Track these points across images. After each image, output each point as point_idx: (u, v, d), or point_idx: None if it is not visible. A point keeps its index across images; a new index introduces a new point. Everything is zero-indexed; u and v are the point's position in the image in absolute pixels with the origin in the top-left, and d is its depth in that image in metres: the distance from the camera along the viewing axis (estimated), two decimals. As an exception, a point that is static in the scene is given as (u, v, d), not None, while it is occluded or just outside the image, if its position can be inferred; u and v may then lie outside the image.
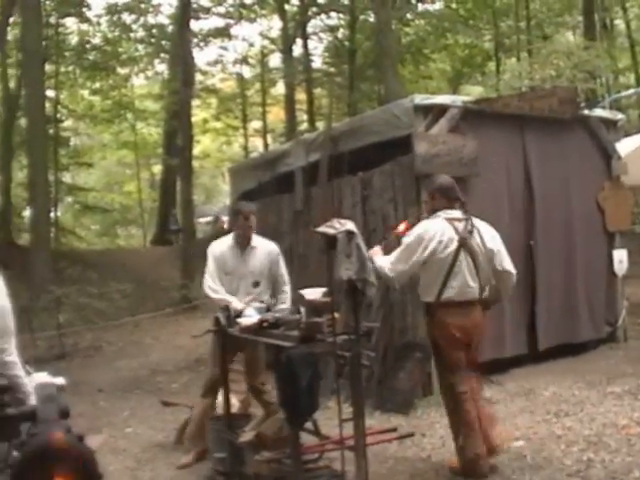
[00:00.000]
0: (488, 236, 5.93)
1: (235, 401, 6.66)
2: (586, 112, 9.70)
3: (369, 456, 4.98)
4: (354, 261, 4.91)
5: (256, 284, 6.44)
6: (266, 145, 28.67)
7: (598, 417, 6.80)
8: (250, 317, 5.59)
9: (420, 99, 8.35)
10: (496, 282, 5.90)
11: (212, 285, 6.38)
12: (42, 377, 6.49)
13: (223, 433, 5.93)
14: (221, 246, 6.57)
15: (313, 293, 5.31)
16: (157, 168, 29.33)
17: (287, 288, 6.60)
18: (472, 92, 25.65)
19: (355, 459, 4.99)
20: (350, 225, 5.01)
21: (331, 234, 4.92)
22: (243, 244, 6.54)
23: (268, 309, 5.81)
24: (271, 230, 10.00)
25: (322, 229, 5.00)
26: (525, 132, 9.05)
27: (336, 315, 4.90)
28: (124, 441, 7.38)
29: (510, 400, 7.67)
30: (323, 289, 5.37)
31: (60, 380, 6.27)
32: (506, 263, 5.91)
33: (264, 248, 6.65)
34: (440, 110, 8.29)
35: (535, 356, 9.06)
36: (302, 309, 5.20)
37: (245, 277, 6.48)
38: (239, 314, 5.77)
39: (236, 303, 6.08)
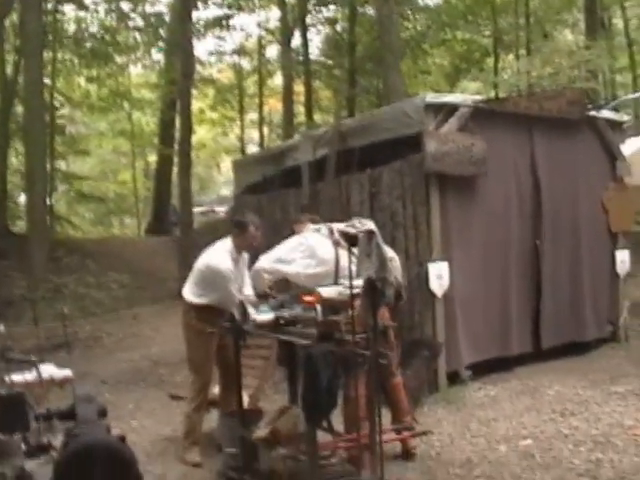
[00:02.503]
0: None
1: (244, 396, 6.69)
2: (593, 113, 9.77)
3: (380, 454, 5.03)
4: (374, 260, 4.97)
5: (240, 289, 6.36)
6: (262, 137, 28.63)
7: (604, 417, 6.90)
8: (265, 313, 5.62)
9: (431, 97, 8.43)
10: None
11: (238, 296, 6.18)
12: (49, 369, 6.54)
13: (236, 429, 5.96)
14: (228, 258, 6.33)
15: (330, 291, 5.36)
16: (152, 157, 29.21)
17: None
18: (469, 88, 25.66)
19: (370, 457, 5.06)
20: (371, 225, 5.09)
21: (352, 233, 4.98)
22: (239, 254, 6.46)
23: (282, 305, 5.80)
24: (277, 224, 10.06)
25: (343, 228, 5.07)
26: (533, 132, 9.12)
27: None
28: (132, 435, 7.38)
29: (516, 398, 7.75)
30: (340, 287, 5.44)
31: (67, 372, 6.32)
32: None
33: (245, 259, 6.62)
34: (450, 109, 8.34)
35: (539, 354, 9.16)
36: (318, 307, 5.23)
37: (236, 282, 6.41)
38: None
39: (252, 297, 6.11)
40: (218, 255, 6.38)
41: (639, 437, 6.27)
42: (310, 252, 5.94)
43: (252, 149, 30.42)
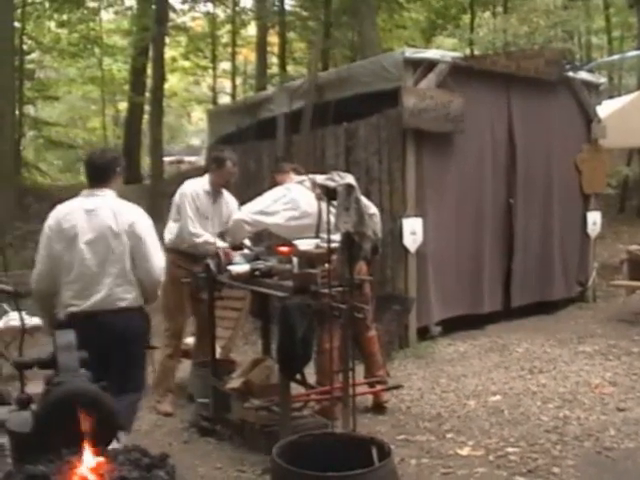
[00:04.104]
0: None
1: (217, 346, 6.69)
2: (570, 74, 9.77)
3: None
4: (352, 214, 4.95)
5: (221, 234, 6.35)
6: (235, 87, 28.35)
7: (571, 375, 7.00)
8: (240, 264, 5.58)
9: (410, 52, 8.39)
10: None
11: (196, 230, 6.31)
12: (17, 316, 6.48)
13: (208, 379, 5.96)
14: (196, 188, 6.50)
15: (306, 244, 5.33)
16: (123, 105, 28.83)
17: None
18: (445, 44, 25.55)
19: (342, 409, 5.09)
20: (350, 179, 5.05)
21: (331, 186, 4.95)
22: (218, 190, 6.55)
23: (257, 257, 5.76)
24: (250, 176, 10.00)
25: (322, 181, 5.03)
26: (510, 91, 9.13)
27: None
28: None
29: (485, 355, 7.86)
30: (316, 240, 5.43)
31: (37, 320, 6.29)
32: None
33: (228, 197, 6.67)
34: (429, 65, 8.31)
35: (508, 313, 9.29)
36: (294, 259, 5.21)
37: (214, 226, 6.47)
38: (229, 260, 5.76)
39: (222, 245, 6.04)
40: (191, 182, 6.58)
41: (605, 395, 6.38)
42: (293, 204, 5.87)
43: (224, 99, 30.12)
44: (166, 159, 24.96)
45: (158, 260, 4.71)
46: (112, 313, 4.54)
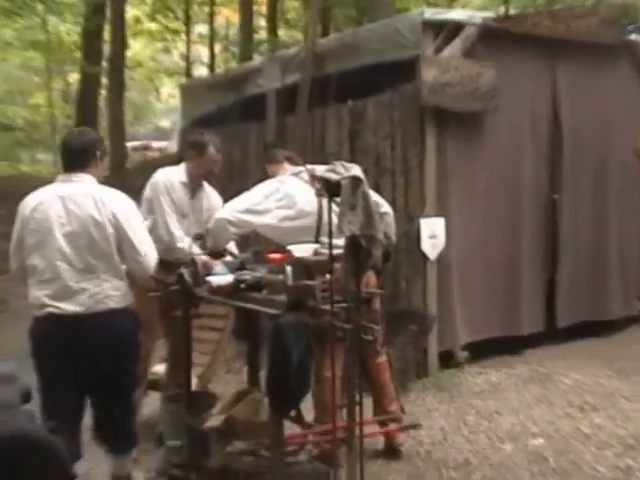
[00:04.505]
0: None
1: (193, 375, 6.72)
2: (633, 37, 9.68)
3: (359, 450, 5.08)
4: (359, 214, 4.96)
5: (198, 236, 6.35)
6: (213, 56, 28.42)
7: (634, 415, 6.97)
8: (222, 275, 5.61)
9: (430, 13, 8.38)
10: None
11: (178, 232, 6.39)
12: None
13: (181, 416, 5.98)
14: (170, 178, 6.58)
15: (303, 249, 5.37)
16: (74, 77, 28.88)
17: None
18: (473, 2, 25.59)
19: (347, 454, 5.10)
20: (356, 170, 5.07)
21: (334, 180, 4.98)
22: (198, 183, 6.64)
23: (242, 266, 5.80)
24: (234, 167, 10.05)
25: (323, 173, 5.07)
26: (556, 60, 9.11)
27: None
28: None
29: (523, 387, 7.86)
30: (315, 245, 5.46)
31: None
32: None
33: (210, 194, 6.76)
34: (454, 28, 8.31)
35: (553, 335, 9.28)
36: (288, 269, 5.25)
37: (192, 226, 6.53)
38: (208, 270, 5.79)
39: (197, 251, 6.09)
40: (164, 171, 6.68)
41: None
42: (288, 201, 5.90)
43: (200, 71, 30.20)
44: (129, 144, 25.03)
45: (149, 249, 5.01)
46: (99, 315, 4.75)
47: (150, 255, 5.02)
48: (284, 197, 5.94)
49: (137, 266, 4.94)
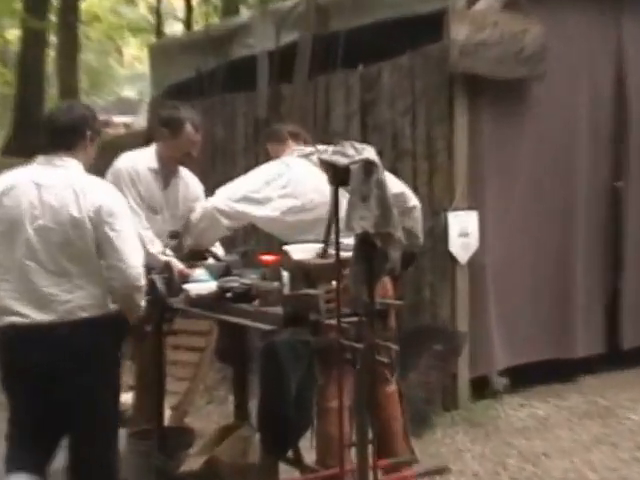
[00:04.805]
0: None
1: (166, 407, 6.75)
2: None
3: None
4: (373, 206, 4.98)
5: (174, 234, 6.47)
6: (190, 9, 28.42)
7: None
8: (203, 282, 5.66)
9: (462, -47, 8.36)
10: None
11: (148, 233, 6.34)
12: None
13: (150, 457, 6.03)
14: (136, 165, 6.55)
15: (303, 250, 5.42)
16: (12, 34, 28.87)
17: None
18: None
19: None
20: (370, 152, 5.10)
21: (341, 165, 5.01)
22: (172, 169, 6.66)
23: (228, 271, 5.84)
24: (217, 148, 10.08)
25: (328, 157, 5.09)
26: (623, 12, 9.11)
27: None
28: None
29: (579, 423, 7.87)
30: (318, 245, 5.50)
31: None
32: None
33: (188, 181, 6.81)
34: (491, -26, 8.30)
35: (616, 359, 9.24)
36: (285, 274, 5.30)
37: (166, 223, 6.59)
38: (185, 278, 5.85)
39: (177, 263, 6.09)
40: (129, 156, 6.66)
41: None
42: (294, 188, 5.86)
43: (175, 28, 30.23)
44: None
45: (135, 258, 4.95)
46: (71, 326, 4.77)
47: (136, 266, 4.94)
48: (288, 183, 5.93)
49: (119, 277, 4.87)
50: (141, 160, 6.60)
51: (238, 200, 5.93)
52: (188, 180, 6.79)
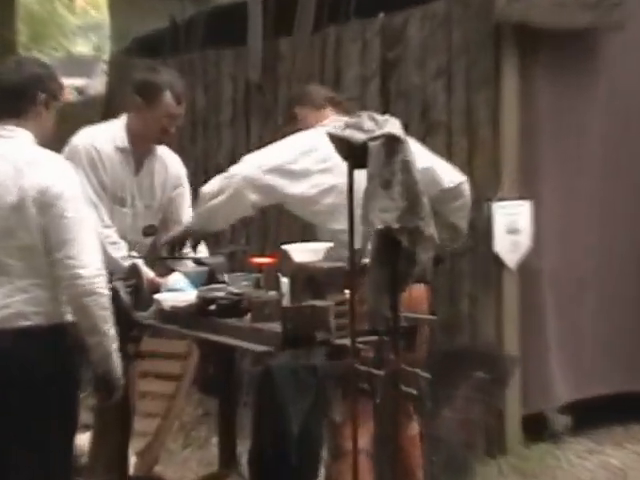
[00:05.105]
0: None
1: (131, 451, 6.76)
2: None
3: None
4: (397, 195, 4.95)
5: (150, 230, 6.54)
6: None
7: None
8: (180, 290, 5.64)
9: None
10: None
11: (109, 231, 6.31)
12: None
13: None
14: (98, 143, 6.46)
15: (306, 250, 5.40)
16: None
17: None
18: None
19: None
20: (393, 125, 5.05)
21: (357, 142, 4.95)
22: (146, 149, 6.59)
23: (212, 276, 5.81)
24: (198, 120, 10.07)
25: (340, 131, 5.04)
26: None
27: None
28: None
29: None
30: (327, 244, 5.47)
31: None
32: None
33: (167, 164, 6.76)
34: None
35: None
36: (284, 281, 5.28)
37: (137, 215, 6.59)
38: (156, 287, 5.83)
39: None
40: (89, 131, 6.58)
41: None
42: (335, 164, 5.70)
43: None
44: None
45: (91, 254, 4.83)
46: (9, 335, 4.70)
47: (92, 264, 4.78)
48: (330, 158, 5.58)
49: (69, 277, 4.73)
50: (105, 137, 6.49)
51: (269, 171, 5.80)
52: (167, 161, 6.72)
